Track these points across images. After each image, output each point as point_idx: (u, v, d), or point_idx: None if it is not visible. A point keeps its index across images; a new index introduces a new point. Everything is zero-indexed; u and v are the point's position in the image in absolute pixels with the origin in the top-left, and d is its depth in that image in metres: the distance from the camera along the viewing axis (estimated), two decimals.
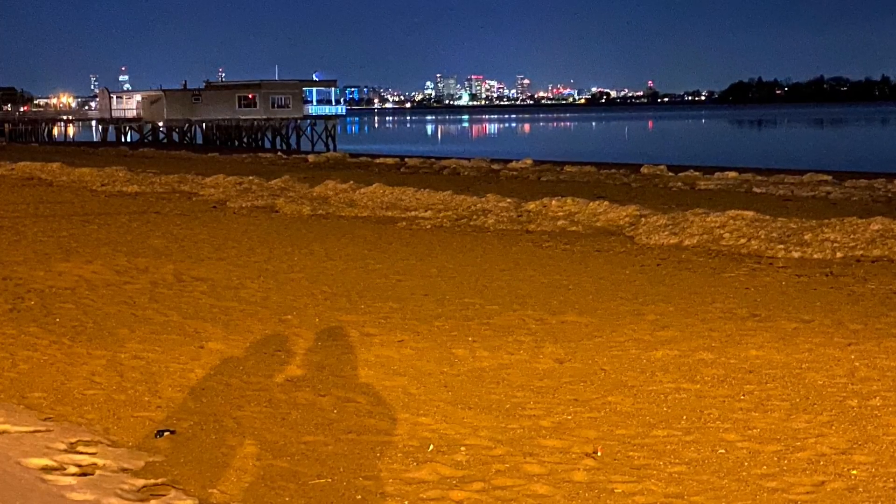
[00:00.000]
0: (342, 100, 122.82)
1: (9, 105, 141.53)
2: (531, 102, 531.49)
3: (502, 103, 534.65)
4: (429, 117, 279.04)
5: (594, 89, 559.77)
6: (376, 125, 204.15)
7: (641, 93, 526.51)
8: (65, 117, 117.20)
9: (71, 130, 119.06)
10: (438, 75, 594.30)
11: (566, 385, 8.01)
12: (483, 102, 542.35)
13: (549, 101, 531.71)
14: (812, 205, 22.19)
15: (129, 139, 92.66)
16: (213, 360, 8.83)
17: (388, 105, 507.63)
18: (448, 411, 7.33)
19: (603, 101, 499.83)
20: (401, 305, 11.27)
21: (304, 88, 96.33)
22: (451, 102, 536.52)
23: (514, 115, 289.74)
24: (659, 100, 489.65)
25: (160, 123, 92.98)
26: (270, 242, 16.83)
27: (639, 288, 12.33)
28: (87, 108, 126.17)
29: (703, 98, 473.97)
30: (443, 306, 11.22)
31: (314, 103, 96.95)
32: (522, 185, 29.63)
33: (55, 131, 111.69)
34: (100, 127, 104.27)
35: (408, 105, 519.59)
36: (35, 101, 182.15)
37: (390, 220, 20.31)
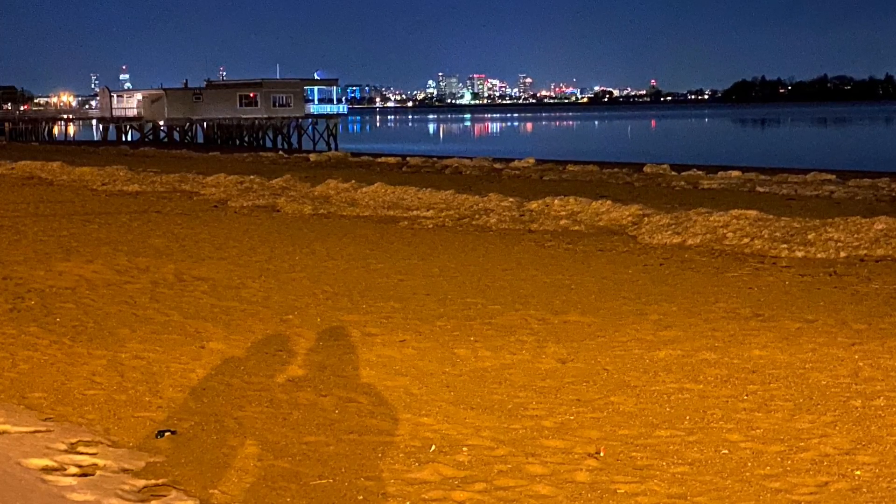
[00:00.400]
0: (344, 98, 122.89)
1: (9, 104, 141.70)
2: (533, 101, 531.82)
3: (504, 102, 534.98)
4: (431, 116, 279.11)
5: (597, 88, 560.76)
6: (378, 124, 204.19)
7: (644, 92, 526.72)
8: (65, 116, 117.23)
9: (71, 129, 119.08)
10: (440, 74, 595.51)
11: (569, 385, 7.99)
12: (485, 101, 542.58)
13: (551, 100, 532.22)
14: (815, 204, 22.16)
15: (129, 138, 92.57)
16: (215, 360, 8.81)
17: (389, 104, 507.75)
18: (450, 411, 7.30)
19: (606, 100, 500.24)
20: (403, 305, 11.25)
21: (305, 87, 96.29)
22: (453, 101, 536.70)
23: (516, 114, 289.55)
24: (662, 99, 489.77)
25: (161, 122, 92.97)
26: (272, 242, 16.81)
27: (641, 288, 12.30)
28: (87, 107, 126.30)
29: (706, 97, 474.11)
30: (445, 306, 11.19)
31: (315, 102, 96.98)
32: (525, 184, 29.60)
33: (55, 130, 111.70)
34: (100, 126, 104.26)
35: (409, 104, 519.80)
36: (35, 100, 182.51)
37: (392, 219, 20.29)
